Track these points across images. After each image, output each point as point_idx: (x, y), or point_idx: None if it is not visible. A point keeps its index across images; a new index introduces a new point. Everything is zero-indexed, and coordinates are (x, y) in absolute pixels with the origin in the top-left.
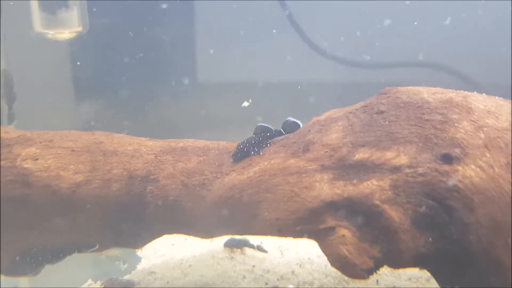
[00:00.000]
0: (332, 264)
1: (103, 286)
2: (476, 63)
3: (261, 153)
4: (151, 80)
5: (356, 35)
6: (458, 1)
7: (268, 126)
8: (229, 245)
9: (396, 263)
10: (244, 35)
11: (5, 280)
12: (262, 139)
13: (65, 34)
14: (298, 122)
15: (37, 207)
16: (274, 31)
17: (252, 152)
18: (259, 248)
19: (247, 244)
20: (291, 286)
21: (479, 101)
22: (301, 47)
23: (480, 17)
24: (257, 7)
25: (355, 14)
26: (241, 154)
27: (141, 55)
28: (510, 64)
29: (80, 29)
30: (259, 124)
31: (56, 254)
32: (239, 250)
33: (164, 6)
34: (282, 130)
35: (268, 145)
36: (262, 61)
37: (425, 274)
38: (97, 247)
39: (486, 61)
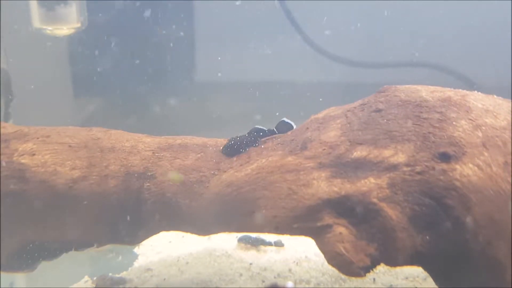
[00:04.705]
0: (329, 262)
1: (95, 284)
2: (476, 64)
3: (247, 150)
4: (149, 77)
5: (356, 34)
6: (459, 1)
7: (263, 128)
8: (243, 241)
9: (393, 262)
10: (243, 34)
11: (1, 276)
12: (253, 138)
13: (64, 30)
14: (291, 123)
15: (33, 203)
16: (272, 30)
17: (241, 150)
18: (277, 244)
19: (263, 242)
20: (290, 283)
21: (477, 100)
22: (300, 47)
23: (480, 17)
24: (256, 6)
25: (355, 12)
26: (231, 150)
27: (142, 54)
28: (510, 64)
29: (78, 25)
30: (255, 126)
31: (53, 251)
32: (254, 248)
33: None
34: (275, 130)
35: (257, 144)
36: (261, 60)
37: (422, 273)
38: (95, 246)
39: (486, 62)
